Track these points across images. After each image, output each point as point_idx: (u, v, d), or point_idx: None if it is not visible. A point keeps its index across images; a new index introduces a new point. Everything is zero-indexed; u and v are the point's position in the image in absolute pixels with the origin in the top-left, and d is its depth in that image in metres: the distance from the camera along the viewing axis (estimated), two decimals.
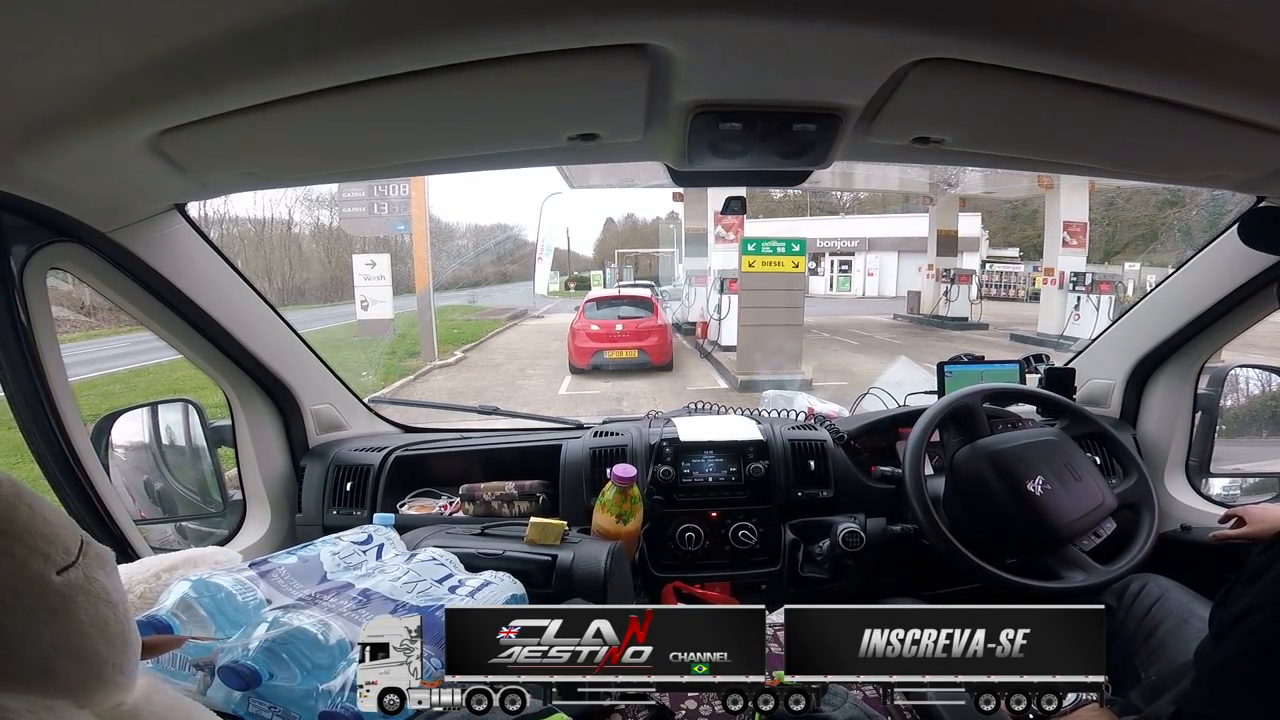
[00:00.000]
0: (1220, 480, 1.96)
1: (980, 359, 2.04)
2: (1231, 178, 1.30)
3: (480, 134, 1.09)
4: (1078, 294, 14.05)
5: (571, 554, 1.35)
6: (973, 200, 20.81)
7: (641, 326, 12.17)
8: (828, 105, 0.97)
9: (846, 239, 30.15)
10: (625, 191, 39.46)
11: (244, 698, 0.95)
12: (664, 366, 12.17)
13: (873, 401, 2.14)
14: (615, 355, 11.87)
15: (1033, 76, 0.83)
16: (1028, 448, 1.52)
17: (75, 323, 16.80)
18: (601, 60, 0.80)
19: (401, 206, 13.82)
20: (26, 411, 1.25)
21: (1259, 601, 0.86)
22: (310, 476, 1.81)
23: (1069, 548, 1.44)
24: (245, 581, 1.06)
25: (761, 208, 30.95)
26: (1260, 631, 0.85)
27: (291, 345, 1.79)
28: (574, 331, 12.34)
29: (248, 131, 0.95)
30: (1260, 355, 2.38)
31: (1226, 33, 0.74)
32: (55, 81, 0.78)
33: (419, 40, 0.75)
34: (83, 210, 1.20)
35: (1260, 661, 0.83)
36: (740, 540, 1.72)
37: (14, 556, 0.59)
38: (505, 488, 1.78)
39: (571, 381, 11.81)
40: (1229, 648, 0.88)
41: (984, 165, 2.06)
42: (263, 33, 0.71)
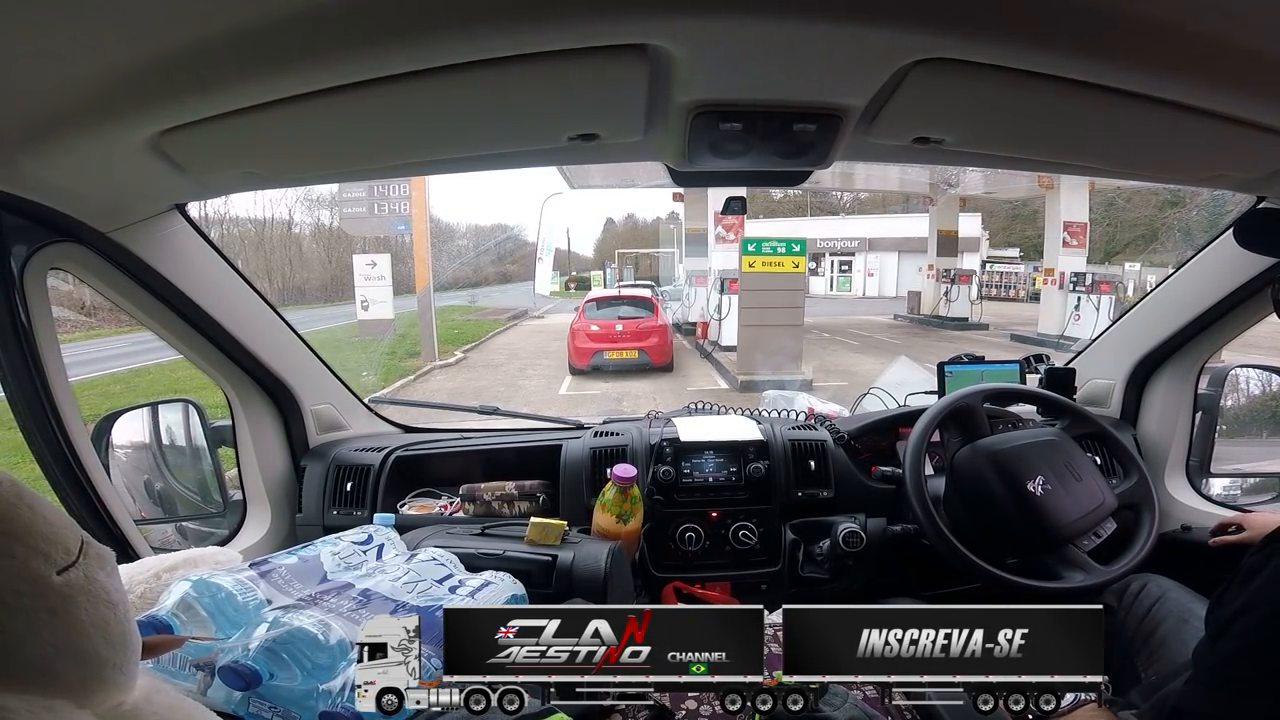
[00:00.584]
0: (1221, 480, 1.96)
1: (980, 359, 2.03)
2: (1231, 178, 1.30)
3: (480, 134, 1.09)
4: (1078, 294, 14.07)
5: (572, 554, 1.35)
6: (973, 200, 20.83)
7: (642, 327, 12.10)
8: (828, 105, 0.97)
9: (847, 239, 30.20)
10: (625, 192, 39.59)
11: (244, 698, 0.95)
12: (664, 367, 12.12)
13: (873, 402, 2.14)
14: (615, 356, 11.82)
15: (1033, 76, 0.83)
16: (1028, 448, 1.52)
17: (76, 323, 16.81)
18: (602, 60, 0.80)
19: (402, 206, 13.82)
20: (27, 412, 1.25)
21: (1253, 601, 0.86)
22: (310, 476, 1.81)
23: (1069, 548, 1.44)
24: (245, 581, 1.06)
25: (762, 208, 30.99)
26: (1255, 631, 0.85)
27: (292, 345, 1.79)
28: (574, 332, 12.29)
29: (248, 132, 0.95)
30: (1261, 355, 2.38)
31: (1227, 32, 0.74)
32: (56, 81, 0.78)
33: (420, 40, 0.75)
34: (83, 210, 1.20)
35: (1255, 660, 0.83)
36: (740, 540, 1.72)
37: (14, 557, 0.59)
38: (505, 488, 1.78)
39: (572, 382, 11.79)
40: (1224, 647, 0.88)
41: (984, 165, 2.06)
42: (263, 33, 0.71)
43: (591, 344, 11.96)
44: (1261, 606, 0.86)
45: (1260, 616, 0.85)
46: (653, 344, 11.99)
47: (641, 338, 11.98)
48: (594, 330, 12.16)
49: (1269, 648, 0.83)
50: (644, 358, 11.86)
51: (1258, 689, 0.82)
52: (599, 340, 12.00)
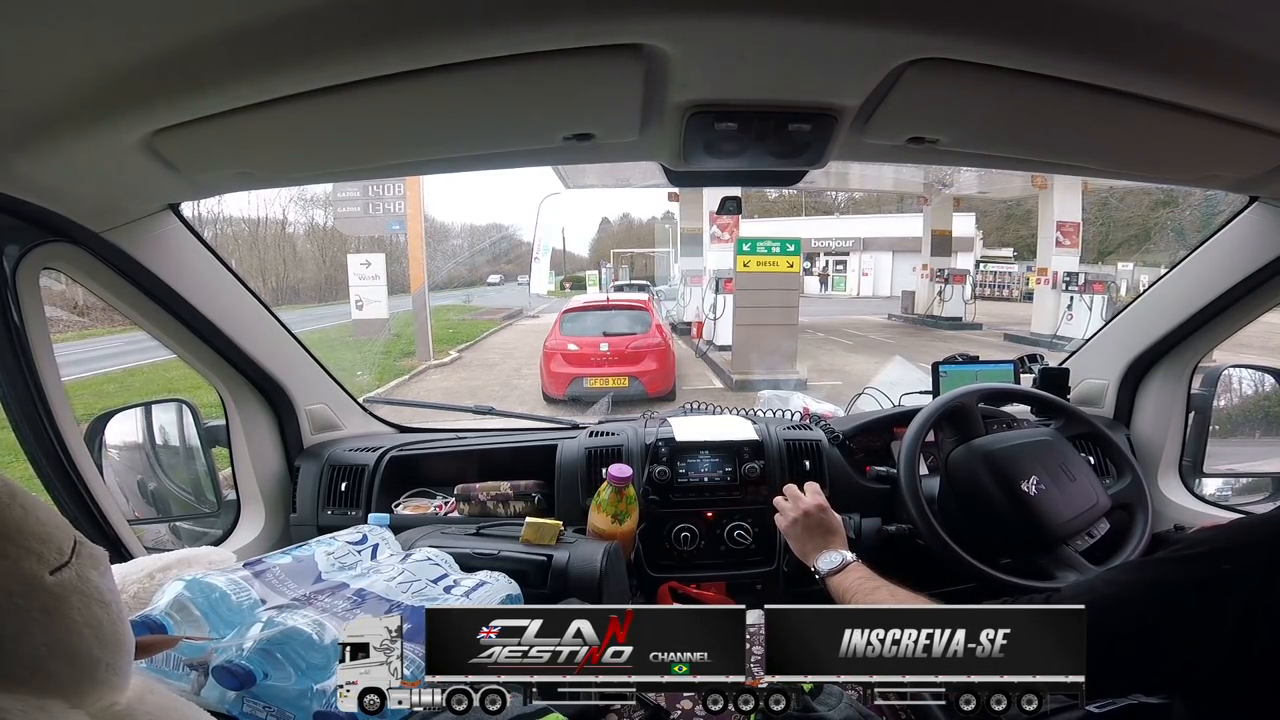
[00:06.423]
0: (1214, 481, 1.97)
1: (975, 359, 2.04)
2: (1225, 177, 1.30)
3: (475, 134, 1.09)
4: (1071, 294, 14.14)
5: (567, 554, 1.35)
6: (967, 200, 20.92)
7: (634, 346, 9.70)
8: (823, 105, 0.97)
9: (842, 239, 30.30)
10: (621, 192, 39.68)
11: (238, 698, 0.95)
12: (663, 397, 9.47)
13: (868, 401, 2.14)
14: (598, 384, 9.33)
15: (1027, 76, 0.83)
16: (1022, 448, 1.52)
17: (68, 323, 16.74)
18: (597, 60, 0.80)
19: (397, 206, 13.80)
20: (19, 411, 1.25)
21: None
22: (305, 476, 1.81)
23: (1063, 548, 1.45)
24: (240, 581, 1.06)
25: (757, 207, 31.05)
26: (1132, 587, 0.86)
27: (286, 345, 1.79)
28: (547, 353, 9.88)
29: (242, 131, 0.95)
30: (1252, 355, 2.38)
31: (1220, 33, 0.75)
32: (48, 81, 0.78)
33: (414, 40, 0.75)
34: (76, 210, 1.19)
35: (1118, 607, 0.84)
36: (736, 540, 1.73)
37: (6, 557, 0.59)
38: (501, 488, 1.78)
39: None
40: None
41: (979, 165, 2.07)
42: (257, 32, 0.71)
43: (569, 368, 9.61)
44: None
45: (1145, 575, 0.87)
46: (649, 369, 9.59)
47: (633, 360, 9.59)
48: (571, 350, 9.74)
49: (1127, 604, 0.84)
50: (636, 386, 9.37)
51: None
52: (578, 363, 9.65)
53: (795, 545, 1.41)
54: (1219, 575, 0.79)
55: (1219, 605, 0.77)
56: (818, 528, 1.39)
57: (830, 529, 1.39)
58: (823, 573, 1.31)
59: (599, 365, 9.60)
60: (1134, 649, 0.81)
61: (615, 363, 9.59)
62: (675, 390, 9.99)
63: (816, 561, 1.33)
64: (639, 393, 9.31)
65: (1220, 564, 0.79)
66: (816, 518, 1.40)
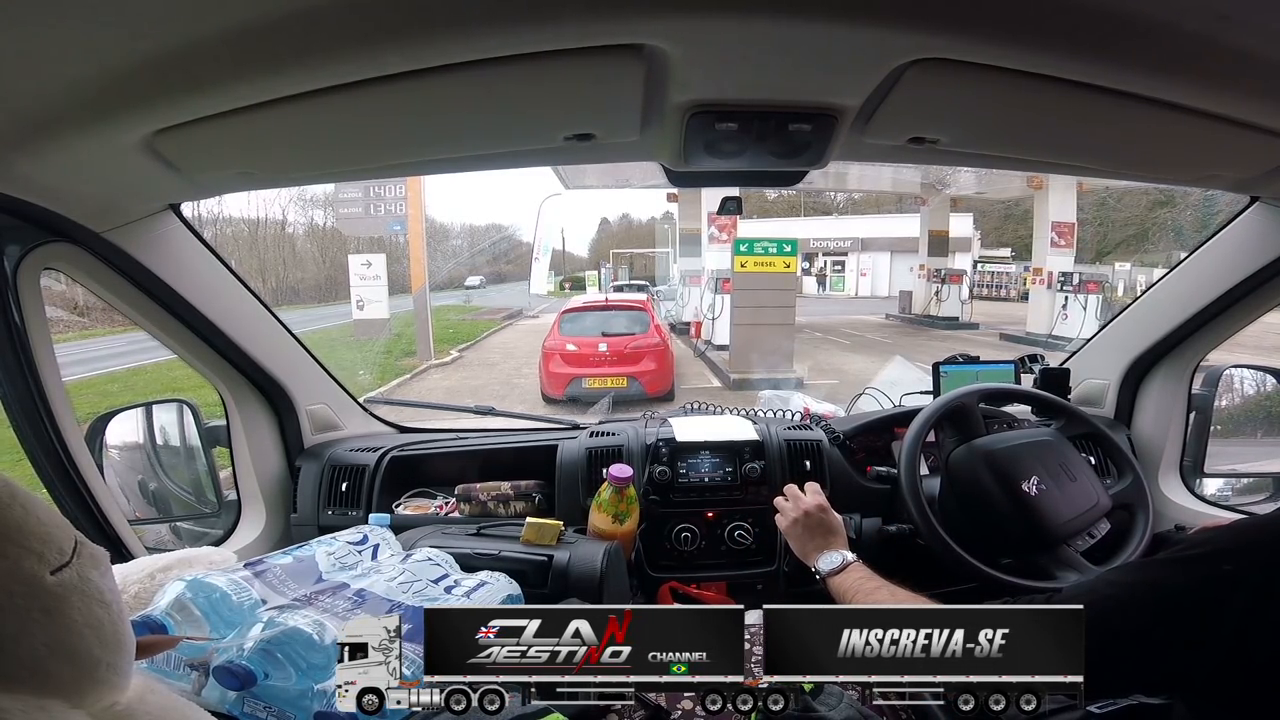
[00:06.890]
0: (1214, 481, 1.97)
1: (975, 359, 2.04)
2: (1225, 177, 1.30)
3: (476, 134, 1.09)
4: (1065, 294, 14.17)
5: (568, 554, 1.35)
6: (965, 200, 20.91)
7: (633, 346, 9.78)
8: (823, 105, 0.97)
9: (840, 239, 30.30)
10: (621, 192, 39.65)
11: (239, 698, 0.95)
12: (662, 397, 9.56)
13: (868, 401, 2.14)
14: (596, 384, 9.41)
15: (1027, 76, 0.83)
16: (1023, 448, 1.52)
17: (69, 323, 16.74)
18: (597, 60, 0.80)
19: (397, 207, 13.81)
20: (20, 411, 1.25)
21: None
22: (305, 477, 1.81)
23: (1063, 548, 1.44)
24: (240, 582, 1.06)
25: (756, 208, 31.01)
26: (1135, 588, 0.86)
27: (287, 345, 1.79)
28: (546, 353, 9.98)
29: (243, 131, 0.95)
30: (1247, 355, 2.38)
31: (1220, 33, 0.75)
32: (50, 81, 0.78)
33: (415, 40, 0.75)
34: (77, 210, 1.19)
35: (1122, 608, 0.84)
36: (736, 540, 1.73)
37: (7, 557, 0.59)
38: (501, 488, 1.78)
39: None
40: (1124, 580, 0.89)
41: (979, 165, 2.07)
42: (258, 32, 0.71)
43: (567, 368, 9.69)
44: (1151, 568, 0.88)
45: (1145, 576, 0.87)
46: (647, 369, 9.66)
47: (632, 360, 9.67)
48: (570, 350, 9.85)
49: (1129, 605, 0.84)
50: (635, 386, 9.46)
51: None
52: (576, 363, 9.74)
53: (796, 545, 1.41)
54: (1220, 576, 0.79)
55: (1220, 606, 0.77)
56: (818, 528, 1.39)
57: (831, 529, 1.39)
58: (823, 573, 1.31)
59: (598, 365, 9.67)
60: (1135, 649, 0.81)
61: (614, 363, 9.67)
62: (674, 390, 10.02)
63: (817, 562, 1.33)
64: (638, 393, 9.37)
65: (1221, 564, 0.79)
66: (817, 518, 1.40)
